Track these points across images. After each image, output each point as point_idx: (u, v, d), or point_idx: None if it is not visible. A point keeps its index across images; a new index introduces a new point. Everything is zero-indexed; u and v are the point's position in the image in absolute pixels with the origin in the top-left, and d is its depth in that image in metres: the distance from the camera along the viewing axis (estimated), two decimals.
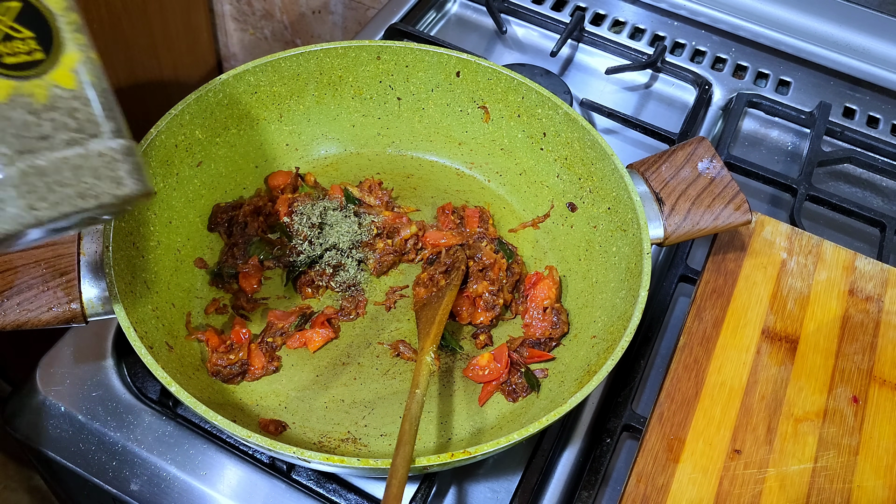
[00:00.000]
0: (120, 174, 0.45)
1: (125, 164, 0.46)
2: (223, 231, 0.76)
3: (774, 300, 0.74)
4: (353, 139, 0.85)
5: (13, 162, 0.43)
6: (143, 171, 0.47)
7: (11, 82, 0.43)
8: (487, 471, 0.67)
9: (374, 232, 0.76)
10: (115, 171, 0.45)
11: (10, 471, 1.43)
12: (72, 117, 0.44)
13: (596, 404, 0.71)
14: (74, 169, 0.44)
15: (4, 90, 0.43)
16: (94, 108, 0.45)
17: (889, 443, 0.66)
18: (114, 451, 0.65)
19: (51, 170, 0.43)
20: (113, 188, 0.45)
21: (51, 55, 0.44)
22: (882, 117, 1.00)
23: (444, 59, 0.80)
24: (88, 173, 0.44)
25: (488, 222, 0.79)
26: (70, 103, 0.44)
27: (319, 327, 0.70)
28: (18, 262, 0.59)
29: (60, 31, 0.44)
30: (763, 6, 1.07)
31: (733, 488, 0.62)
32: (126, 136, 0.46)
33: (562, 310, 0.73)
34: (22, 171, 0.43)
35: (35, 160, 0.43)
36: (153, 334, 0.62)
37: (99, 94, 0.45)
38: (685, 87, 1.01)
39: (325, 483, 0.64)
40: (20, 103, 0.43)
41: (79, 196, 0.44)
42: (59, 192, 0.44)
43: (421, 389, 0.59)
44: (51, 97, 0.44)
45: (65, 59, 0.44)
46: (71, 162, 0.44)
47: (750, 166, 0.89)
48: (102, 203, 0.45)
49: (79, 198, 0.44)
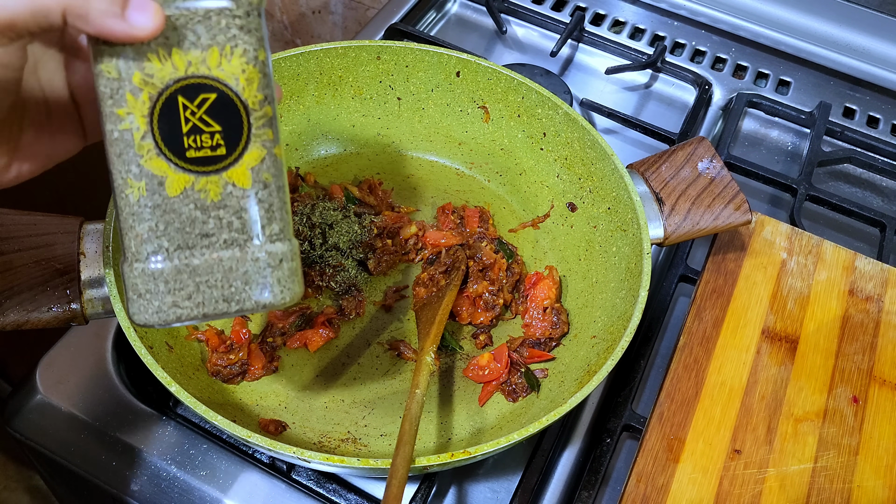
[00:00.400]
0: (269, 281, 0.44)
1: (278, 270, 0.44)
2: None
3: (774, 300, 0.74)
4: (353, 139, 0.85)
5: (171, 257, 0.42)
6: (295, 278, 0.45)
7: (189, 177, 0.42)
8: (487, 471, 0.67)
9: (374, 232, 0.76)
10: (265, 278, 0.43)
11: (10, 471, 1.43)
12: (238, 217, 0.43)
13: (596, 404, 0.71)
14: (226, 272, 0.43)
15: (180, 184, 0.42)
16: (262, 210, 0.43)
17: (889, 443, 0.66)
18: (114, 451, 0.65)
19: (203, 269, 0.43)
20: (258, 295, 0.44)
21: (234, 152, 0.42)
22: (882, 117, 1.00)
23: (444, 59, 0.80)
24: (238, 278, 0.43)
25: (488, 222, 0.79)
26: (240, 203, 0.43)
27: (319, 327, 0.70)
28: (18, 262, 0.59)
29: (251, 126, 0.42)
30: (763, 6, 1.07)
31: (733, 488, 0.62)
32: (288, 238, 0.44)
33: (562, 310, 0.73)
34: (176, 267, 0.42)
35: (192, 258, 0.42)
36: (153, 334, 0.62)
37: (271, 194, 0.43)
38: (685, 87, 1.01)
39: (325, 483, 0.64)
40: (192, 198, 0.42)
41: (223, 299, 0.43)
42: (205, 294, 0.43)
43: (421, 389, 0.59)
44: (223, 195, 0.42)
45: (247, 157, 0.42)
46: (225, 264, 0.43)
47: (750, 166, 0.89)
48: (244, 309, 0.44)
49: (223, 301, 0.43)
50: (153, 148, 0.41)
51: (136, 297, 0.43)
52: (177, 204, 0.42)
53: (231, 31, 0.41)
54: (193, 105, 0.41)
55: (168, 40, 0.40)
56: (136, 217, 0.42)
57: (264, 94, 0.43)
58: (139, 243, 0.42)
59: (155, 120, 0.41)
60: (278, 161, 0.44)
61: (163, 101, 0.41)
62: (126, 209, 0.42)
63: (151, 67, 0.40)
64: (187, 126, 0.41)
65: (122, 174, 0.42)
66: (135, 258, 0.42)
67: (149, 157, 0.41)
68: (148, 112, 0.41)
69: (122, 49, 0.40)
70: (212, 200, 0.42)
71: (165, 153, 0.41)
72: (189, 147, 0.41)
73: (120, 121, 0.41)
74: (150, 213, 0.42)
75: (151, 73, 0.40)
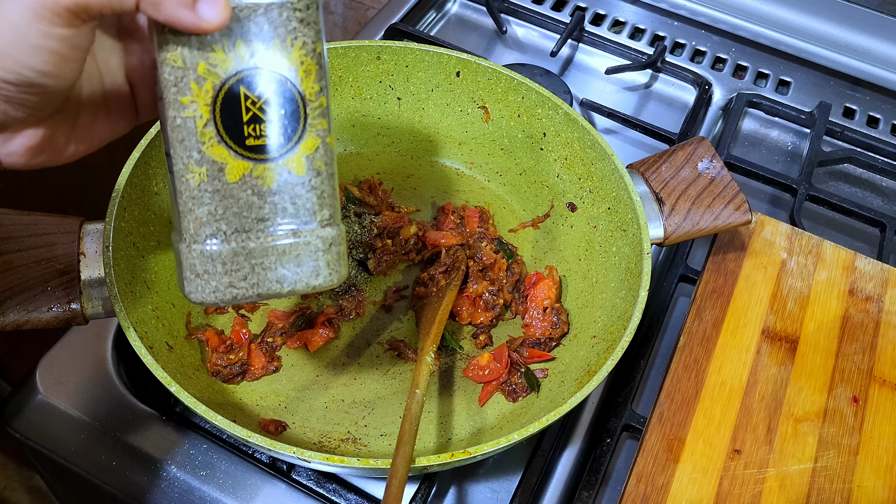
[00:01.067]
0: (320, 264, 0.45)
1: (328, 254, 0.46)
2: None
3: (774, 300, 0.74)
4: (353, 139, 0.85)
5: (229, 240, 0.44)
6: (342, 261, 0.47)
7: (248, 164, 0.43)
8: (487, 471, 0.67)
9: (374, 232, 0.76)
10: (317, 261, 0.45)
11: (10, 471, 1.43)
12: (292, 203, 0.44)
13: (596, 404, 0.71)
14: (280, 254, 0.45)
15: (239, 170, 0.43)
16: (314, 196, 0.45)
17: (889, 443, 0.66)
18: (114, 451, 0.65)
19: (258, 252, 0.44)
20: (309, 277, 0.45)
21: (291, 141, 0.44)
22: (882, 117, 1.00)
23: (444, 59, 0.80)
24: (291, 260, 0.45)
25: (488, 222, 0.79)
26: (294, 189, 0.44)
27: (319, 327, 0.70)
28: (18, 262, 0.59)
29: (307, 116, 0.44)
30: (763, 6, 1.07)
31: (733, 488, 0.62)
32: (336, 223, 0.46)
33: (562, 310, 0.73)
34: (233, 249, 0.44)
35: (248, 241, 0.44)
36: (153, 334, 0.62)
37: (323, 181, 0.45)
38: (685, 87, 1.01)
39: (325, 483, 0.64)
40: (250, 185, 0.43)
41: (276, 281, 0.45)
42: (259, 275, 0.45)
43: (421, 389, 0.59)
44: (279, 182, 0.44)
45: (302, 146, 0.44)
46: (279, 248, 0.44)
47: (750, 166, 0.89)
48: (295, 290, 0.46)
49: (276, 282, 0.45)
50: (215, 135, 0.42)
51: (193, 277, 0.44)
52: (235, 189, 0.43)
53: (292, 24, 0.42)
54: (254, 95, 0.42)
55: (233, 32, 0.41)
56: (195, 201, 0.43)
57: (320, 85, 0.44)
58: (198, 226, 0.43)
59: (217, 109, 0.42)
60: (330, 149, 0.45)
61: (225, 90, 0.42)
62: (186, 193, 0.43)
63: (216, 58, 0.41)
64: (248, 115, 0.43)
65: (183, 159, 0.43)
66: (193, 240, 0.44)
67: (210, 144, 0.43)
68: (211, 101, 0.42)
69: (188, 39, 0.41)
70: (268, 186, 0.44)
71: (226, 141, 0.43)
72: (249, 135, 0.43)
73: (183, 108, 0.42)
74: (210, 198, 0.43)
75: (216, 64, 0.41)
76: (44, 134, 0.42)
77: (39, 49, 0.37)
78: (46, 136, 0.42)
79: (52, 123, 0.42)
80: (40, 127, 0.41)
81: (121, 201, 0.63)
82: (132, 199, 0.65)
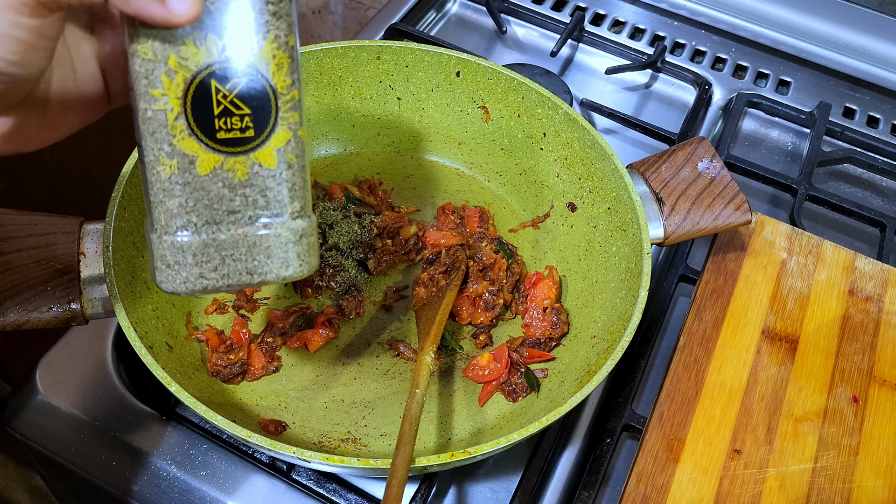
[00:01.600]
0: (290, 255, 0.46)
1: (299, 245, 0.46)
2: None
3: (774, 300, 0.74)
4: (353, 139, 0.85)
5: (199, 231, 0.44)
6: (312, 252, 0.47)
7: (218, 157, 0.43)
8: (487, 471, 0.67)
9: (374, 232, 0.76)
10: (287, 253, 0.46)
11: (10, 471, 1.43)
12: (263, 196, 0.45)
13: (596, 404, 0.71)
14: (250, 246, 0.45)
15: (210, 163, 0.43)
16: (285, 188, 0.45)
17: (889, 443, 0.66)
18: (114, 451, 0.65)
19: (229, 244, 0.45)
20: (279, 268, 0.46)
21: (262, 134, 0.44)
22: (882, 117, 1.00)
23: (444, 59, 0.80)
24: (262, 252, 0.45)
25: (488, 222, 0.79)
26: (265, 182, 0.44)
27: (319, 327, 0.70)
28: (18, 262, 0.59)
29: (278, 110, 0.44)
30: (763, 6, 1.07)
31: (733, 488, 0.62)
32: (307, 215, 0.47)
33: (562, 310, 0.73)
34: (204, 241, 0.44)
35: (219, 233, 0.44)
36: (153, 334, 0.62)
37: (294, 174, 0.45)
38: (685, 87, 1.01)
39: (325, 483, 0.64)
40: (221, 177, 0.44)
41: (246, 272, 0.46)
42: (230, 266, 0.45)
43: (421, 389, 0.59)
44: (250, 174, 0.44)
45: (273, 139, 0.44)
46: (249, 239, 0.45)
47: (750, 166, 0.89)
48: (265, 281, 0.46)
49: (246, 273, 0.46)
50: (186, 129, 0.43)
51: (164, 267, 0.45)
52: (206, 182, 0.44)
53: (264, 17, 0.42)
54: (225, 89, 0.42)
55: (204, 25, 0.41)
56: (166, 193, 0.43)
57: (292, 78, 0.44)
58: (169, 217, 0.44)
59: (188, 102, 0.42)
60: (301, 142, 0.45)
61: (196, 83, 0.42)
62: (157, 184, 0.43)
63: (187, 51, 0.41)
64: (219, 108, 0.43)
65: (154, 151, 0.43)
66: (164, 231, 0.44)
67: (181, 137, 0.43)
68: (182, 94, 0.42)
69: (159, 32, 0.41)
70: (239, 179, 0.44)
71: (197, 134, 0.43)
72: (220, 129, 0.43)
73: (154, 101, 0.42)
74: (181, 190, 0.43)
75: (186, 57, 0.41)
76: (14, 121, 0.41)
77: (6, 38, 0.36)
78: (17, 124, 0.41)
79: (22, 110, 0.41)
80: (10, 115, 0.41)
81: (121, 201, 0.63)
82: (132, 199, 0.65)
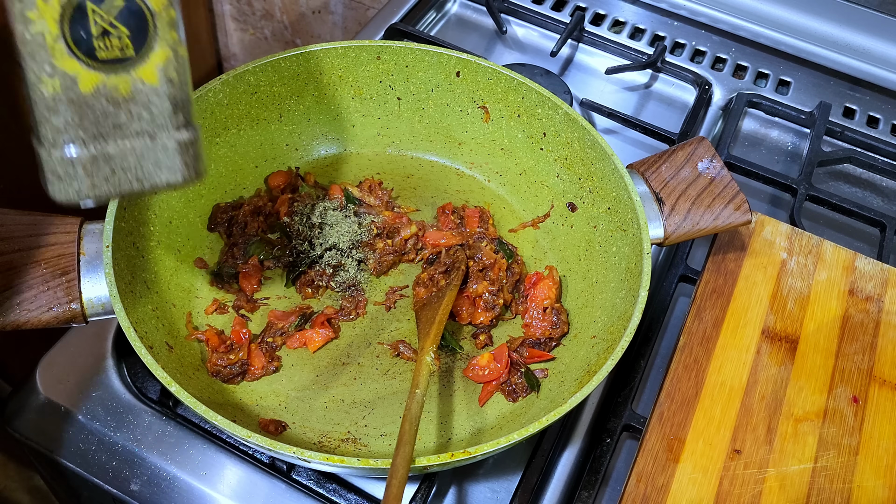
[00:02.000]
0: (177, 163, 0.48)
1: (185, 154, 0.48)
2: (223, 231, 0.76)
3: (774, 300, 0.74)
4: (353, 139, 0.85)
5: (87, 146, 0.46)
6: (198, 161, 0.49)
7: (100, 75, 0.45)
8: (487, 471, 0.67)
9: (374, 232, 0.76)
10: (174, 160, 0.48)
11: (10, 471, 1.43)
12: (147, 110, 0.47)
13: (596, 404, 0.71)
14: (139, 157, 0.47)
15: (92, 82, 0.45)
16: (168, 103, 0.47)
17: (889, 443, 0.66)
18: (114, 451, 0.65)
19: (118, 155, 0.47)
20: (168, 176, 0.48)
21: (141, 52, 0.46)
22: (882, 117, 1.00)
23: (444, 59, 0.80)
24: (150, 161, 0.48)
25: (488, 222, 0.79)
26: (148, 97, 0.46)
27: (319, 327, 0.70)
28: (18, 262, 0.59)
29: (156, 28, 0.46)
30: (763, 6, 1.07)
31: (733, 488, 0.62)
32: (191, 126, 0.49)
33: (562, 310, 0.73)
34: (93, 154, 0.46)
35: (106, 146, 0.46)
36: (153, 334, 0.62)
37: (176, 89, 0.47)
38: (685, 87, 1.01)
39: (325, 483, 0.64)
40: (104, 94, 0.45)
41: (136, 180, 0.48)
42: (120, 176, 0.47)
43: (421, 389, 0.59)
44: (133, 91, 0.46)
45: (153, 57, 0.46)
46: (137, 151, 0.47)
47: (750, 166, 0.89)
48: (156, 186, 0.49)
49: (136, 181, 0.48)
50: (65, 49, 0.44)
51: (55, 180, 0.46)
52: (90, 99, 0.45)
53: None
54: (102, 10, 0.44)
55: None
56: (51, 111, 0.45)
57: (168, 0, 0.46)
58: (56, 133, 0.45)
59: (66, 24, 0.44)
60: (183, 59, 0.47)
61: (73, 6, 0.43)
62: (41, 103, 0.45)
63: None
64: (97, 29, 0.44)
65: (35, 72, 0.44)
66: (52, 145, 0.46)
67: (61, 57, 0.44)
68: (58, 16, 0.43)
69: None
70: (122, 96, 0.46)
71: (77, 54, 0.44)
72: (99, 48, 0.45)
73: (31, 24, 0.43)
74: (66, 108, 0.45)
75: None
76: None
77: None
78: None
79: None
80: None
81: (121, 201, 0.63)
82: (132, 199, 0.65)
